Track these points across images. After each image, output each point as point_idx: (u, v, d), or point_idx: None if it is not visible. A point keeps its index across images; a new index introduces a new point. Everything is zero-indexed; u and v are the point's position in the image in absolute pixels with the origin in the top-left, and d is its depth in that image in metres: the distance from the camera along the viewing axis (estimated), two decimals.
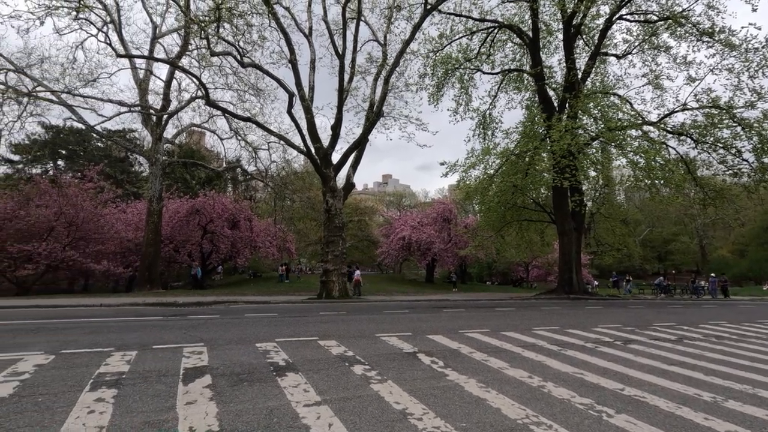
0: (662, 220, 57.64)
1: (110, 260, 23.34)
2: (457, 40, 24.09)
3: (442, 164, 21.72)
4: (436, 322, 10.80)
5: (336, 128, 19.06)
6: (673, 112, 21.13)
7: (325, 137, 19.52)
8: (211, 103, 17.98)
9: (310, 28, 19.31)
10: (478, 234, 28.62)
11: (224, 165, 31.78)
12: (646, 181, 20.39)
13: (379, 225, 47.02)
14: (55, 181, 22.48)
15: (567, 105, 21.80)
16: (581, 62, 23.77)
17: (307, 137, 18.67)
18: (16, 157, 35.13)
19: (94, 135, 31.79)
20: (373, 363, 6.05)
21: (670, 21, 20.27)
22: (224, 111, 20.41)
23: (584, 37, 24.62)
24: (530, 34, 23.10)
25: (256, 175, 28.07)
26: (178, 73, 22.92)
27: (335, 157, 19.66)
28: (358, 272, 22.10)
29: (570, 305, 18.12)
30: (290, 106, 17.99)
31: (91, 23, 19.50)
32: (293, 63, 17.96)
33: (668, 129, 20.88)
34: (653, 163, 18.73)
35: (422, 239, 32.11)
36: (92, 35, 20.32)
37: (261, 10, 16.12)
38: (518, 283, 45.25)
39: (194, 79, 18.42)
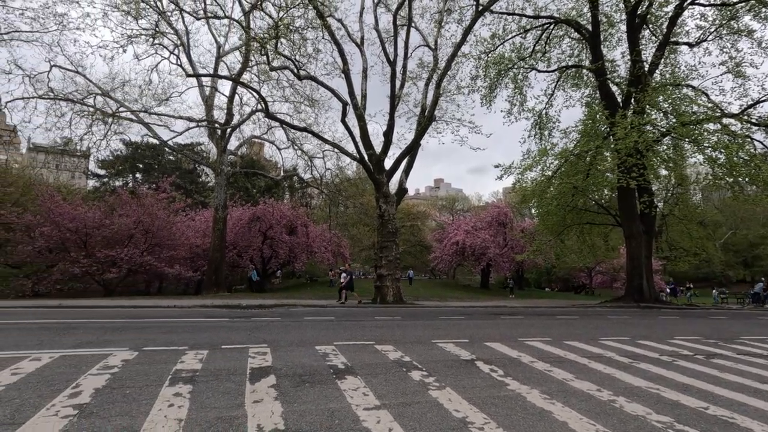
0: (747, 221, 51.97)
1: (181, 264, 25.14)
2: (510, 39, 23.51)
3: (496, 167, 21.21)
4: (494, 329, 10.51)
5: (388, 134, 19.27)
6: (758, 102, 19.13)
7: (377, 144, 19.82)
8: (270, 116, 18.91)
9: (362, 38, 19.73)
10: (536, 238, 27.55)
11: (282, 174, 33.21)
12: (728, 179, 18.58)
13: (432, 230, 46.75)
14: (134, 193, 24.74)
15: (632, 100, 20.46)
16: (647, 53, 22.23)
17: (360, 144, 19.04)
18: (102, 172, 39.10)
19: (167, 149, 34.57)
20: (430, 369, 6.01)
21: (753, 2, 18.40)
22: (282, 122, 21.37)
23: (650, 26, 23.01)
24: (589, 27, 21.99)
25: (311, 183, 29.05)
26: (239, 88, 24.36)
27: (387, 163, 19.89)
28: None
29: (640, 314, 16.86)
30: (344, 114, 18.46)
31: (164, 47, 21.32)
32: (346, 73, 18.43)
33: (753, 121, 18.90)
34: (736, 159, 17.02)
35: (476, 244, 31.47)
36: (165, 58, 22.21)
37: (316, 24, 16.74)
38: (580, 290, 42.88)
39: (254, 94, 19.50)
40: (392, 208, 18.78)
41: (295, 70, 17.18)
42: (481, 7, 18.65)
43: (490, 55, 22.96)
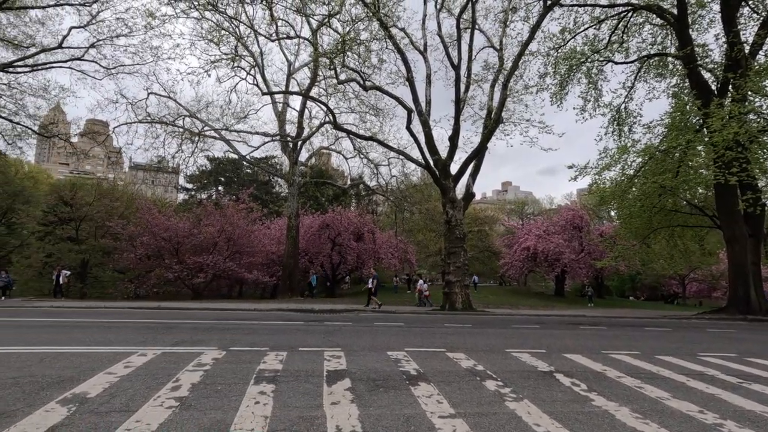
0: None
1: (259, 270, 26.84)
2: (582, 32, 22.21)
3: (569, 167, 20.02)
4: (573, 340, 9.88)
5: (453, 139, 19.08)
6: None
7: (442, 149, 19.70)
8: (338, 127, 19.63)
9: (425, 44, 19.80)
10: (617, 243, 25.50)
11: (349, 182, 34.25)
12: None
13: (500, 235, 45.24)
14: (217, 204, 26.96)
15: (730, 87, 18.28)
16: (747, 34, 19.79)
17: (426, 150, 19.05)
18: (190, 186, 43.10)
19: (245, 163, 37.24)
20: (505, 379, 5.80)
21: None
22: (349, 132, 22.06)
23: (750, 3, 20.47)
24: (674, 11, 20.09)
25: (377, 190, 29.58)
26: (309, 103, 25.63)
27: (454, 168, 19.66)
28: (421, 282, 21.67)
29: (747, 328, 14.87)
30: (409, 122, 18.62)
31: (242, 69, 23.10)
32: (410, 80, 18.59)
33: None
34: None
35: (549, 249, 29.88)
36: (242, 79, 24.06)
37: (379, 35, 17.14)
38: (671, 299, 38.87)
39: (323, 107, 20.38)
40: (459, 214, 18.50)
41: (362, 82, 17.68)
42: (549, 2, 17.86)
43: (560, 50, 21.85)
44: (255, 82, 23.39)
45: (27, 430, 3.57)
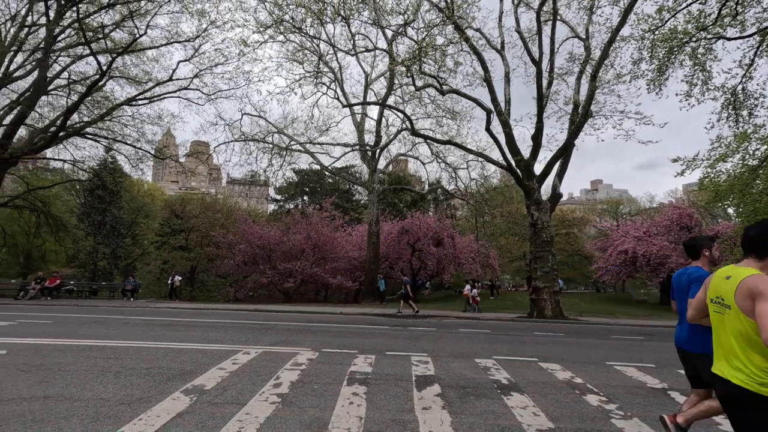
0: None
1: (342, 275, 27.87)
2: (683, 9, 19.82)
3: (674, 160, 17.86)
4: None
5: (536, 137, 18.17)
6: None
7: (524, 148, 18.86)
8: (415, 133, 19.78)
9: (503, 42, 19.19)
10: (737, 245, 22.15)
11: (427, 187, 34.21)
12: None
13: (592, 237, 41.88)
14: (304, 213, 28.62)
15: None
16: None
17: (507, 151, 18.39)
18: (278, 197, 46.33)
19: (327, 173, 39.09)
20: (609, 395, 5.34)
21: None
22: (426, 137, 22.11)
23: None
24: None
25: (456, 194, 29.15)
26: (385, 111, 26.20)
27: (537, 168, 18.70)
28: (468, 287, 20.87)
29: None
30: (488, 123, 18.14)
31: (323, 84, 24.37)
32: (488, 81, 18.13)
33: None
34: None
35: (651, 252, 26.92)
36: (323, 93, 25.38)
37: (455, 39, 16.99)
38: None
39: (399, 114, 20.69)
40: (545, 216, 17.51)
41: (438, 86, 17.65)
42: None
43: (657, 32, 19.72)
44: (335, 96, 24.53)
45: (160, 414, 4.09)
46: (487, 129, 18.39)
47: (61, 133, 22.35)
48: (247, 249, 25.85)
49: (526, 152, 18.63)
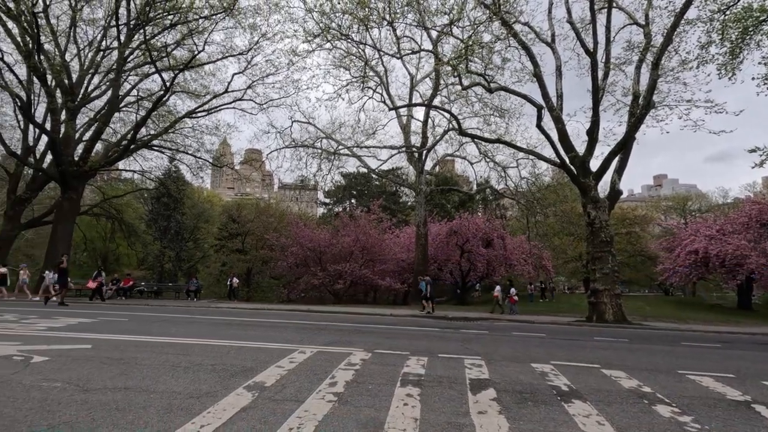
0: None
1: (391, 277, 28.01)
2: None
3: (751, 151, 16.25)
4: None
5: (592, 132, 17.28)
6: None
7: (579, 144, 18.01)
8: (462, 132, 19.51)
9: (553, 35, 18.47)
10: None
11: (475, 187, 33.61)
12: None
13: (656, 237, 39.08)
14: (352, 216, 29.11)
15: None
16: None
17: (560, 147, 17.65)
18: (327, 200, 47.48)
19: (374, 176, 39.53)
20: (683, 406, 4.96)
21: None
22: (473, 137, 21.74)
23: None
24: None
25: (505, 193, 28.38)
26: (431, 112, 26.05)
27: (594, 164, 17.79)
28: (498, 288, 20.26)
29: None
30: (539, 119, 17.51)
31: (369, 88, 24.72)
32: (538, 76, 17.52)
33: None
34: None
35: (726, 252, 24.66)
36: (369, 97, 25.74)
37: (502, 35, 16.58)
38: None
39: (446, 114, 20.51)
40: (604, 214, 16.59)
41: (486, 84, 17.30)
42: None
43: (728, 12, 18.10)
44: (382, 99, 24.78)
45: (226, 408, 4.33)
46: (539, 125, 17.76)
47: (132, 146, 24.32)
48: (299, 251, 26.69)
49: (580, 148, 17.80)
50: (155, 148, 27.31)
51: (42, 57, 19.59)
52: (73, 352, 6.85)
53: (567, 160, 17.60)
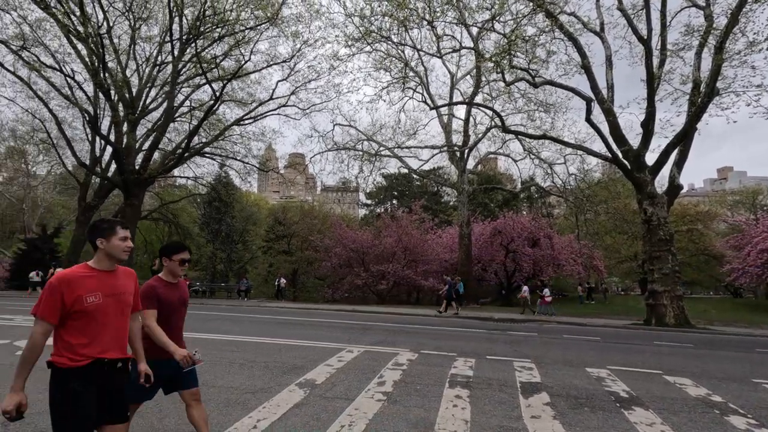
0: None
1: (434, 277, 27.79)
2: None
3: None
4: None
5: (647, 124, 16.28)
6: None
7: (632, 137, 17.03)
8: (506, 129, 19.01)
9: (602, 24, 17.59)
10: None
11: (519, 185, 32.68)
12: None
13: (722, 234, 36.16)
14: (393, 217, 29.17)
15: None
16: None
17: (611, 141, 16.77)
18: (369, 202, 47.89)
19: (415, 176, 39.40)
20: (760, 417, 4.56)
21: None
22: (517, 133, 21.12)
23: None
24: None
25: (552, 191, 27.36)
26: (473, 110, 25.62)
27: (650, 158, 16.73)
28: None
29: None
30: (588, 112, 16.74)
31: (410, 88, 24.68)
32: (586, 67, 16.75)
33: None
34: None
35: None
36: (410, 98, 25.67)
37: (546, 27, 15.99)
38: None
39: (488, 112, 20.09)
40: (662, 211, 15.57)
41: (531, 79, 16.77)
42: None
43: None
44: (423, 99, 24.65)
45: (279, 404, 4.48)
46: (588, 119, 16.97)
47: (186, 154, 25.76)
48: (342, 252, 27.10)
49: (634, 141, 16.82)
50: (207, 155, 28.73)
51: (106, 74, 21.18)
52: None
53: (620, 155, 16.68)
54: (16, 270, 28.51)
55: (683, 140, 16.06)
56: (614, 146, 16.78)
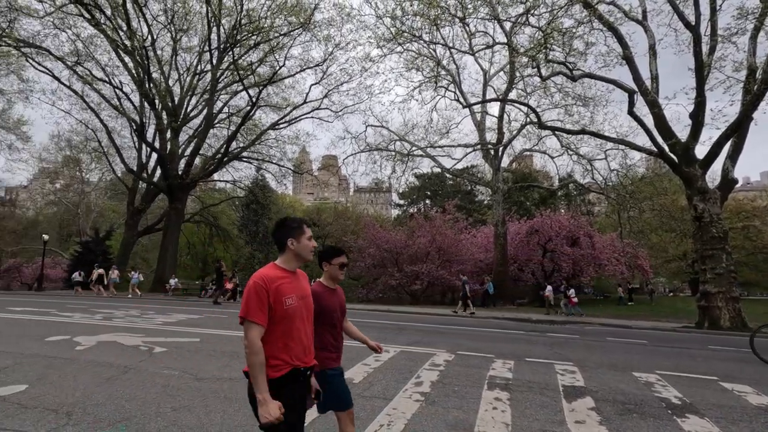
0: None
1: (469, 278, 27.40)
2: None
3: None
4: None
5: (697, 115, 15.35)
6: None
7: (679, 130, 16.16)
8: (542, 126, 18.49)
9: (644, 11, 16.75)
10: None
11: (557, 182, 31.70)
12: None
13: None
14: (427, 217, 29.03)
15: None
16: None
17: (656, 135, 15.95)
18: (401, 202, 47.87)
19: (448, 176, 39.06)
20: None
21: None
22: (554, 129, 20.49)
23: None
24: None
25: (592, 188, 26.34)
26: (507, 106, 25.07)
27: (700, 151, 15.80)
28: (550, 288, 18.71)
29: None
30: (631, 105, 16.00)
31: (442, 87, 24.50)
32: (628, 58, 16.01)
33: None
34: None
35: None
36: (442, 96, 25.48)
37: (584, 18, 15.42)
38: None
39: (523, 108, 19.61)
40: (714, 207, 14.64)
41: (569, 72, 16.22)
42: None
43: None
44: (455, 97, 24.42)
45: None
46: (630, 112, 16.21)
47: (225, 159, 26.73)
48: (376, 253, 27.22)
49: (681, 134, 15.92)
50: (244, 159, 29.71)
51: (151, 84, 22.34)
52: (185, 344, 7.69)
53: (666, 148, 15.83)
54: (72, 270, 30.56)
55: (737, 131, 15.03)
56: (660, 140, 15.95)
